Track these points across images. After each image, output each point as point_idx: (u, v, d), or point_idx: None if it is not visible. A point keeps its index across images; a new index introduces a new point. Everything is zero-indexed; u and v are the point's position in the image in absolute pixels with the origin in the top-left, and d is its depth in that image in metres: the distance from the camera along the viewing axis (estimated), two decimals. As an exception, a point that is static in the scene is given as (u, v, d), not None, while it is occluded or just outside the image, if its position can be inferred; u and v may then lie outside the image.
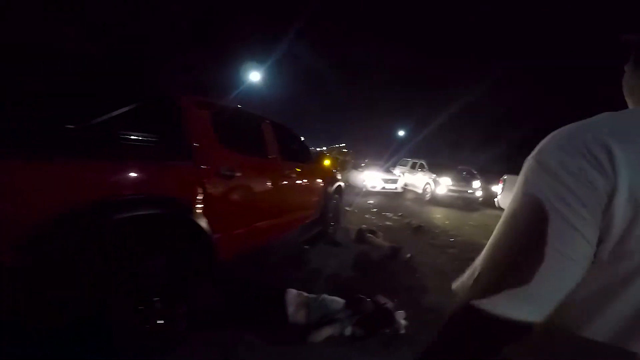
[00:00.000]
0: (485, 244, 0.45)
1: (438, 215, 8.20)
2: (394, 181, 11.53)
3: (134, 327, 1.52)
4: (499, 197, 7.33)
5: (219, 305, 2.23)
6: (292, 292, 2.23)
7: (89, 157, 1.32)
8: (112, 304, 1.39)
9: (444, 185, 10.30)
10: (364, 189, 11.24)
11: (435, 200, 10.35)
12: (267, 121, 2.89)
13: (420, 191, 11.36)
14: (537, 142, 0.43)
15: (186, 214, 1.70)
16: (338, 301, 2.22)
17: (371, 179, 11.27)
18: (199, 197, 1.79)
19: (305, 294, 2.26)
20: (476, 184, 10.79)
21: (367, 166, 12.52)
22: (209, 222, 1.80)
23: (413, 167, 12.53)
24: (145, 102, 1.94)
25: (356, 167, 12.94)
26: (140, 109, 1.94)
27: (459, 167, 11.78)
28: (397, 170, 13.08)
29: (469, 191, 10.66)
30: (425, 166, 11.65)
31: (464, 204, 10.54)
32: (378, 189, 11.08)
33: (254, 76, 15.27)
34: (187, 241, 1.75)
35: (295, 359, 1.83)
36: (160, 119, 1.94)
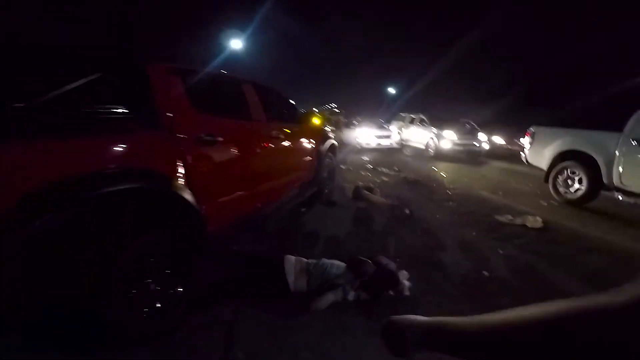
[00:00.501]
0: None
1: (435, 169, 8.12)
2: (388, 137, 11.44)
3: (129, 313, 1.45)
4: (526, 151, 5.79)
5: (215, 280, 2.16)
6: (290, 260, 2.13)
7: (42, 136, 1.18)
8: (100, 289, 1.31)
9: (449, 139, 9.89)
10: (358, 147, 11.14)
11: (439, 156, 9.99)
12: (249, 83, 2.69)
13: (422, 147, 10.95)
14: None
15: (167, 185, 1.60)
16: (339, 265, 2.14)
17: (364, 136, 11.14)
18: (180, 166, 1.68)
19: (305, 260, 2.16)
20: (482, 136, 10.53)
21: (360, 124, 12.30)
22: (194, 192, 1.71)
23: (411, 122, 12.05)
24: (108, 72, 1.75)
25: (348, 125, 12.77)
26: (103, 79, 1.75)
27: (461, 119, 11.49)
28: (392, 127, 12.86)
29: (475, 144, 10.32)
30: (426, 121, 11.19)
31: (469, 157, 10.31)
32: (372, 145, 10.99)
33: (236, 44, 14.50)
34: (172, 214, 1.66)
35: (300, 329, 1.79)
36: (128, 88, 1.79)
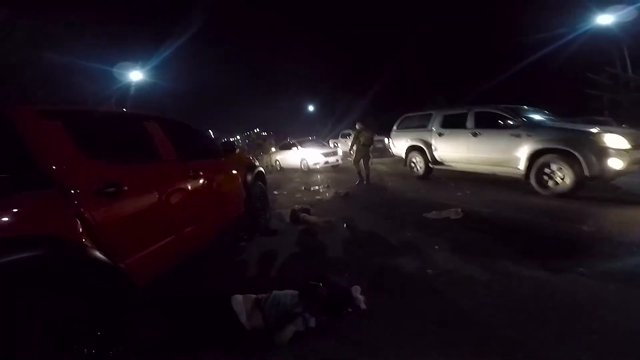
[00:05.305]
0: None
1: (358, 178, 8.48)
2: (334, 154, 11.46)
3: None
4: None
5: (164, 334, 1.95)
6: (237, 299, 2.03)
7: None
8: None
9: (619, 149, 4.34)
10: (305, 169, 11.13)
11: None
12: (152, 119, 2.43)
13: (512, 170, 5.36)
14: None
15: (67, 249, 1.39)
16: (292, 294, 2.09)
17: (312, 156, 11.09)
18: (79, 225, 1.46)
19: (253, 296, 2.07)
20: None
21: (302, 144, 12.07)
22: (106, 251, 1.52)
23: (459, 121, 6.41)
24: None
25: (287, 147, 12.52)
26: None
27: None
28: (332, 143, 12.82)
29: None
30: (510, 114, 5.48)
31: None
32: (321, 164, 10.93)
33: (135, 76, 13.36)
34: (81, 278, 1.44)
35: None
36: None
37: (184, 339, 1.92)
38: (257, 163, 4.52)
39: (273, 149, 13.49)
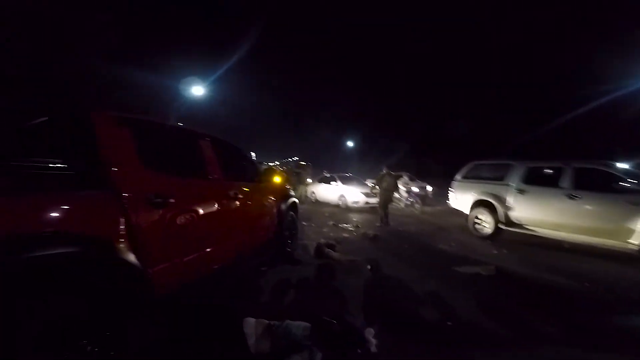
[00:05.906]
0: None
1: (392, 223, 8.33)
2: (376, 194, 10.66)
3: None
4: None
5: (171, 346, 2.01)
6: (250, 322, 2.07)
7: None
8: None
9: None
10: (343, 206, 10.78)
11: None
12: (207, 138, 2.67)
13: None
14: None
15: (107, 250, 1.48)
16: (305, 326, 2.09)
17: (352, 194, 10.74)
18: (124, 229, 1.57)
19: (266, 322, 2.10)
20: None
21: (342, 181, 11.69)
22: (140, 256, 1.61)
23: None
24: (48, 119, 1.67)
25: (324, 180, 12.29)
26: (41, 126, 1.67)
27: None
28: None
29: None
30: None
31: None
32: (360, 204, 10.47)
33: (197, 90, 14.44)
34: (110, 279, 1.51)
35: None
36: (67, 138, 1.67)
37: (189, 354, 1.95)
38: (292, 192, 4.69)
39: (309, 180, 13.55)
